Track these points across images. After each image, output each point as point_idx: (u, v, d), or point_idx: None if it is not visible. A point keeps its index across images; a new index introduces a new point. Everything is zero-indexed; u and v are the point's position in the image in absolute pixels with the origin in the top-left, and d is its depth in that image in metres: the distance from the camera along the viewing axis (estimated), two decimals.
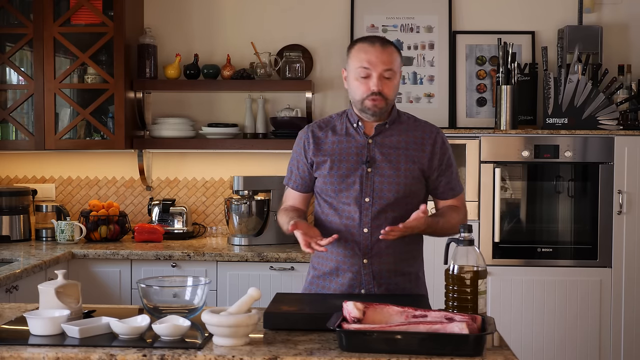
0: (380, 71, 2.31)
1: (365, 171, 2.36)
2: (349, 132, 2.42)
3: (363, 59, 2.32)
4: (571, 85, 3.74)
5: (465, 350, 1.73)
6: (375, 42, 2.35)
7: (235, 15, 4.22)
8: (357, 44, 2.38)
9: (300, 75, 4.02)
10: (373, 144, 2.39)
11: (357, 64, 2.33)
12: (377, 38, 2.38)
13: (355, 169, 2.36)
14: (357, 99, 2.37)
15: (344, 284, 2.38)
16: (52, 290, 2.02)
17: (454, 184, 2.47)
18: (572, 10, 4.11)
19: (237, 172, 4.13)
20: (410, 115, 2.50)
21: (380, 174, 2.36)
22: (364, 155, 2.37)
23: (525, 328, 3.66)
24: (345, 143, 2.40)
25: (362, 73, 2.32)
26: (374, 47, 2.33)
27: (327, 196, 2.40)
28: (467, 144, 3.68)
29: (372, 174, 2.36)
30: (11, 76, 4.06)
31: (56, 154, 4.22)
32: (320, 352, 1.77)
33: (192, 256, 3.57)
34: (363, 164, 2.37)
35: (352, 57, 2.37)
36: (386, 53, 2.33)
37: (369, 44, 2.34)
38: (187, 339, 1.86)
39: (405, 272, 2.40)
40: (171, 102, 4.24)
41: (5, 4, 3.91)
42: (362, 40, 2.38)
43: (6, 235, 3.89)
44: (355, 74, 2.35)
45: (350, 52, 2.38)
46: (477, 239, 3.62)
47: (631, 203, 3.63)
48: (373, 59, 2.31)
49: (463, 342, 1.74)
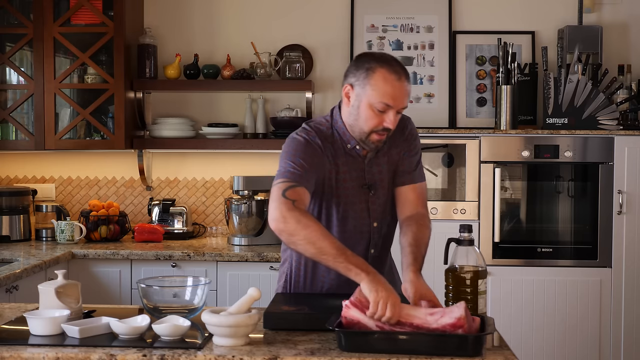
0: (400, 108, 2.12)
1: (368, 195, 2.26)
2: (346, 151, 2.23)
3: (388, 93, 2.08)
4: (571, 85, 3.74)
5: (464, 350, 1.73)
6: (401, 74, 2.10)
7: (235, 15, 4.22)
8: (380, 70, 2.09)
9: (300, 76, 4.02)
10: (368, 165, 2.26)
11: (379, 97, 2.08)
12: (401, 68, 2.12)
13: (358, 192, 2.24)
14: (364, 130, 2.14)
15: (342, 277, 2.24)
16: (52, 290, 2.02)
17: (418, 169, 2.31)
18: (572, 10, 4.11)
19: (237, 172, 4.13)
20: None
21: (378, 195, 2.27)
22: (364, 178, 2.25)
23: (525, 328, 3.66)
24: (345, 164, 2.23)
25: (381, 107, 2.10)
26: (400, 82, 2.09)
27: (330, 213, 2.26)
28: (467, 144, 3.68)
29: (372, 197, 2.26)
30: (11, 76, 4.06)
31: (56, 154, 4.22)
32: (320, 352, 1.77)
33: (192, 256, 3.57)
34: (364, 188, 2.24)
35: (372, 84, 2.09)
36: (409, 87, 2.12)
37: (395, 77, 2.09)
38: (187, 339, 1.86)
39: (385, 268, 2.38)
40: (171, 102, 4.24)
41: (5, 4, 3.91)
42: (387, 68, 2.09)
43: (6, 235, 3.89)
44: (372, 103, 2.10)
45: (371, 77, 2.09)
46: (477, 239, 3.62)
47: (631, 203, 3.63)
48: (398, 95, 2.09)
49: (463, 343, 1.74)
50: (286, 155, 2.16)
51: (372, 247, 2.31)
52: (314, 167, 2.15)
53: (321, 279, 2.31)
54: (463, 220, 3.63)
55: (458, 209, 3.67)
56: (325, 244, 1.97)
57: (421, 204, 2.30)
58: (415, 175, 2.30)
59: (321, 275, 2.31)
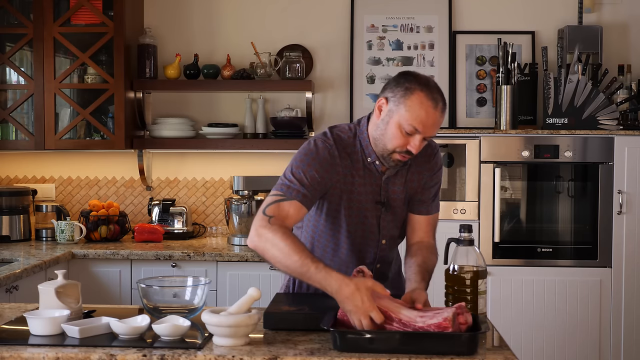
0: (428, 136, 2.09)
1: (381, 212, 2.24)
2: (365, 164, 2.19)
3: (420, 118, 2.04)
4: (571, 85, 3.74)
5: (459, 349, 1.73)
6: (438, 102, 2.06)
7: (235, 15, 4.22)
8: (419, 93, 2.05)
9: (300, 75, 4.02)
10: (385, 182, 2.22)
11: (410, 119, 2.04)
12: (440, 96, 2.07)
13: (371, 208, 2.22)
14: (387, 147, 2.11)
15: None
16: (52, 290, 2.02)
17: (436, 201, 2.32)
18: (572, 10, 4.11)
19: (237, 172, 4.13)
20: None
21: (390, 214, 2.26)
22: (379, 195, 2.22)
23: (525, 328, 3.66)
24: (362, 177, 2.19)
25: (410, 130, 2.06)
26: (435, 110, 2.05)
27: (335, 223, 2.23)
28: (467, 144, 3.68)
29: (384, 214, 2.25)
30: (11, 76, 4.06)
31: (56, 154, 4.22)
32: (320, 352, 1.77)
33: (192, 256, 3.57)
34: (377, 204, 2.22)
35: (408, 105, 2.05)
36: (442, 117, 2.08)
37: (432, 104, 2.05)
38: (187, 339, 1.86)
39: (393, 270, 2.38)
40: (171, 102, 4.24)
41: (5, 4, 3.91)
42: (426, 94, 2.05)
43: (6, 235, 3.89)
44: (402, 123, 2.07)
45: (408, 98, 2.05)
46: (477, 239, 3.62)
47: (631, 203, 3.63)
48: (430, 123, 2.05)
49: (457, 342, 1.73)
50: (294, 161, 2.14)
51: (378, 262, 2.31)
52: (319, 180, 2.11)
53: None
54: (463, 220, 3.63)
55: (458, 209, 3.67)
56: (291, 261, 1.95)
57: (432, 235, 2.33)
58: (431, 207, 2.32)
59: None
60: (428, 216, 2.31)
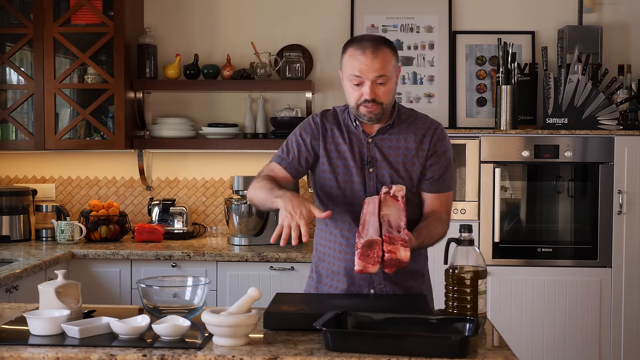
0: (373, 79, 2.24)
1: (367, 171, 2.34)
2: (351, 130, 2.37)
3: (355, 67, 2.24)
4: (571, 85, 3.74)
5: (451, 351, 1.72)
6: (366, 48, 2.24)
7: (235, 15, 4.22)
8: (348, 48, 2.28)
9: (300, 75, 4.02)
10: (373, 144, 2.36)
11: (349, 71, 2.26)
12: (368, 42, 2.26)
13: (357, 169, 2.34)
14: (351, 105, 2.31)
15: (354, 283, 2.36)
16: (52, 290, 2.02)
17: (443, 180, 2.38)
18: (572, 10, 4.11)
19: (237, 172, 4.13)
20: (410, 111, 2.42)
21: (382, 174, 2.33)
22: (365, 155, 2.35)
23: (525, 328, 3.66)
24: (347, 141, 2.36)
25: (355, 80, 2.25)
26: (365, 55, 2.23)
27: (328, 195, 2.36)
28: (467, 144, 3.68)
29: (373, 174, 2.34)
30: (11, 76, 4.06)
31: (56, 154, 4.22)
32: (320, 352, 1.77)
33: (192, 256, 3.57)
34: (364, 164, 2.34)
35: (344, 62, 2.29)
36: (378, 59, 2.23)
37: (360, 52, 2.24)
38: (187, 339, 1.86)
39: (411, 269, 2.38)
40: (171, 102, 4.24)
41: (5, 4, 3.91)
42: (354, 45, 2.27)
43: (6, 235, 3.89)
44: (347, 79, 2.28)
45: (343, 56, 2.30)
46: (477, 239, 3.62)
47: (631, 203, 3.63)
48: (364, 67, 2.23)
49: (449, 344, 1.73)
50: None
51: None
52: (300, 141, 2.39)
53: (328, 284, 2.42)
54: (463, 220, 3.63)
55: (458, 209, 3.67)
56: (262, 192, 2.28)
57: (444, 210, 2.40)
58: (442, 186, 2.39)
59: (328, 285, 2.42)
60: (439, 194, 2.38)
